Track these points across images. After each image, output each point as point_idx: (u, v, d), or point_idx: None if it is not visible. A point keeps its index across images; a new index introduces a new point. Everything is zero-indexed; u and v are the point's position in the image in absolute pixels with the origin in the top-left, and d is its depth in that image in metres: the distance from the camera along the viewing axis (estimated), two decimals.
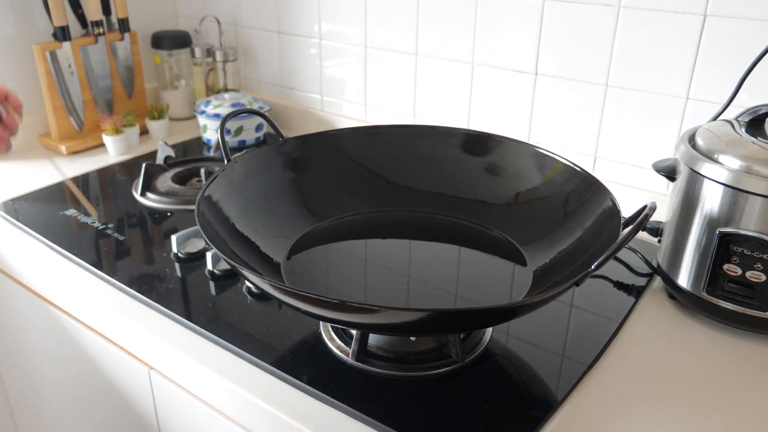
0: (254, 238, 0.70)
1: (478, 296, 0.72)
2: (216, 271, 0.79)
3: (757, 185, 0.63)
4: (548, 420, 0.58)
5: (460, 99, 1.06)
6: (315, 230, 0.78)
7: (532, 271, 0.71)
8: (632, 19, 0.86)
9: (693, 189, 0.69)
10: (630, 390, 0.62)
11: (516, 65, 0.98)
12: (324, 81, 1.22)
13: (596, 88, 0.92)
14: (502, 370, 0.65)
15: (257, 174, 0.76)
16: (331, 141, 0.83)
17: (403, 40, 1.08)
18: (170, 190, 1.00)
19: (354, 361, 0.63)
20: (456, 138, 0.84)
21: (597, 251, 0.60)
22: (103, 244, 0.87)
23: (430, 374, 0.62)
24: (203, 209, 0.64)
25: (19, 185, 1.03)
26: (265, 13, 1.25)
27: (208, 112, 1.19)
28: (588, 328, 0.72)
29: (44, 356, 0.95)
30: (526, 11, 0.94)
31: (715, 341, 0.70)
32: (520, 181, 0.79)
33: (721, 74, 0.81)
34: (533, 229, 0.75)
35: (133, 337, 0.74)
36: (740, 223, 0.65)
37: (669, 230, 0.74)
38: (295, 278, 0.69)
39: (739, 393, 0.63)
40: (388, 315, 0.55)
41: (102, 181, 1.08)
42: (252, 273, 0.56)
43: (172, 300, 0.74)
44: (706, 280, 0.69)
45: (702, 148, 0.69)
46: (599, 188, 0.69)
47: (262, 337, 0.68)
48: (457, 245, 0.80)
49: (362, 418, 0.57)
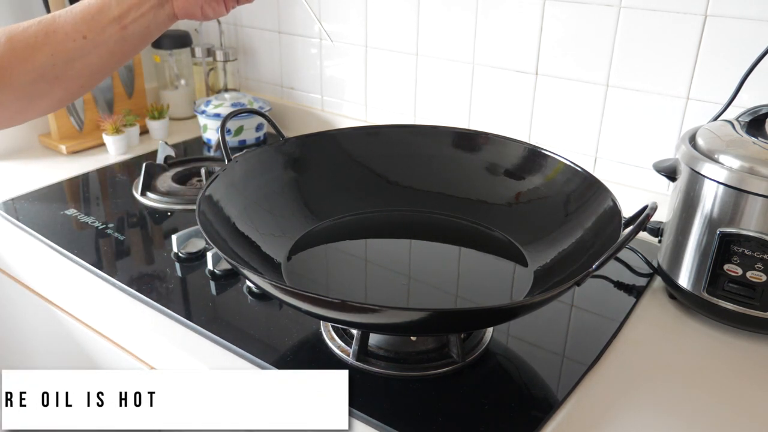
0: (255, 238, 0.70)
1: (478, 296, 0.72)
2: (216, 271, 0.79)
3: (757, 185, 0.63)
4: (549, 420, 0.58)
5: (460, 99, 1.06)
6: (315, 230, 0.78)
7: (533, 271, 0.71)
8: (633, 19, 0.86)
9: (694, 189, 0.69)
10: (630, 390, 0.62)
11: (516, 65, 0.98)
12: (324, 81, 1.22)
13: (597, 88, 0.92)
14: (502, 370, 0.65)
15: (258, 174, 0.76)
16: (331, 141, 0.83)
17: (404, 39, 1.08)
18: (170, 190, 1.00)
19: (354, 360, 0.63)
20: (456, 138, 0.84)
21: (598, 251, 0.60)
22: (104, 243, 0.87)
23: (431, 374, 0.62)
24: (204, 209, 0.64)
25: (19, 185, 1.03)
26: (266, 13, 1.25)
27: (208, 111, 1.19)
28: (588, 328, 0.72)
29: (44, 356, 0.95)
30: (527, 11, 0.94)
31: (716, 341, 0.70)
32: (520, 181, 0.79)
33: (722, 74, 0.81)
34: (534, 229, 0.75)
35: (133, 337, 0.74)
36: (741, 223, 0.65)
37: (669, 230, 0.74)
38: (295, 278, 0.69)
39: (740, 393, 0.63)
40: (388, 315, 0.55)
41: (102, 180, 1.08)
42: (253, 273, 0.56)
43: (173, 300, 0.74)
44: (706, 281, 0.69)
45: (703, 148, 0.69)
46: (600, 188, 0.69)
47: (262, 337, 0.68)
48: (457, 245, 0.80)
49: (363, 417, 0.57)
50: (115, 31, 0.62)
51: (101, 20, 0.61)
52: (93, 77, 0.65)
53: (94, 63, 0.63)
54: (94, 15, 0.61)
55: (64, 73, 0.62)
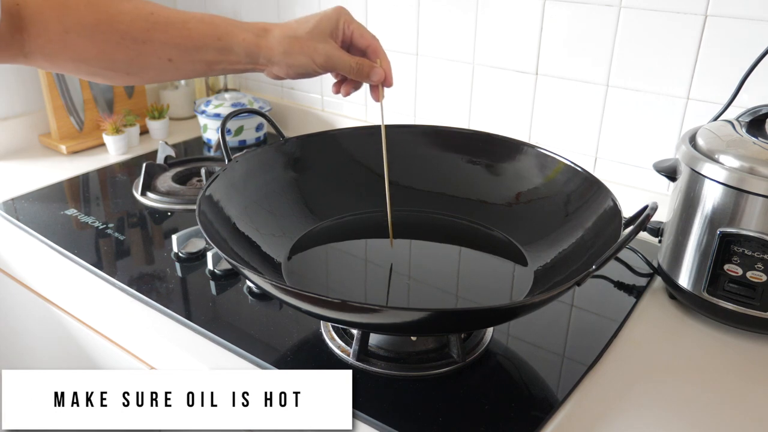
0: (255, 238, 0.70)
1: (478, 296, 0.72)
2: (217, 271, 0.79)
3: (758, 185, 0.63)
4: (549, 420, 0.58)
5: (460, 99, 1.06)
6: (316, 230, 0.78)
7: (533, 271, 0.71)
8: (633, 19, 0.86)
9: (694, 189, 0.69)
10: (631, 390, 0.62)
11: (517, 65, 0.98)
12: (324, 81, 1.22)
13: (597, 88, 0.92)
14: (502, 370, 0.65)
15: (258, 174, 0.76)
16: (331, 141, 0.83)
17: (404, 39, 1.08)
18: (171, 190, 1.00)
19: (355, 360, 0.63)
20: (456, 138, 0.84)
21: (598, 251, 0.60)
22: (104, 243, 0.87)
23: (431, 374, 0.62)
24: (204, 209, 0.64)
25: (19, 185, 1.03)
26: (266, 13, 1.25)
27: (208, 111, 1.19)
28: (588, 328, 0.72)
29: (45, 356, 0.95)
30: (527, 11, 0.94)
31: (716, 341, 0.70)
32: (521, 181, 0.79)
33: (722, 74, 0.81)
34: (534, 229, 0.75)
35: (133, 337, 0.74)
36: (741, 223, 0.65)
37: (670, 230, 0.74)
38: (295, 278, 0.69)
39: (740, 393, 0.63)
40: (389, 315, 0.55)
41: (102, 180, 1.08)
42: (253, 273, 0.56)
43: (173, 300, 0.74)
44: (706, 281, 0.69)
45: (703, 148, 0.69)
46: (600, 188, 0.69)
47: (262, 337, 0.68)
48: (457, 245, 0.80)
49: (363, 417, 0.57)
50: (201, 68, 0.62)
51: (194, 56, 0.60)
52: (157, 81, 0.65)
53: (167, 77, 0.63)
54: (189, 49, 0.60)
55: (135, 73, 0.61)
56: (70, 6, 0.56)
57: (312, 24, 0.62)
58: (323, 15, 0.63)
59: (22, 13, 0.55)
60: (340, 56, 0.63)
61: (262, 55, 0.62)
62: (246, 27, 0.62)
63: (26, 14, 0.55)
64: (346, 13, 0.64)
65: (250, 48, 0.61)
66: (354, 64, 0.64)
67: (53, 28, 0.56)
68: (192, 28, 0.60)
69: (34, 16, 0.55)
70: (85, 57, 0.58)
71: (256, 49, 0.61)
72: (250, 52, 0.61)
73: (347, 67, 0.64)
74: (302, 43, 0.61)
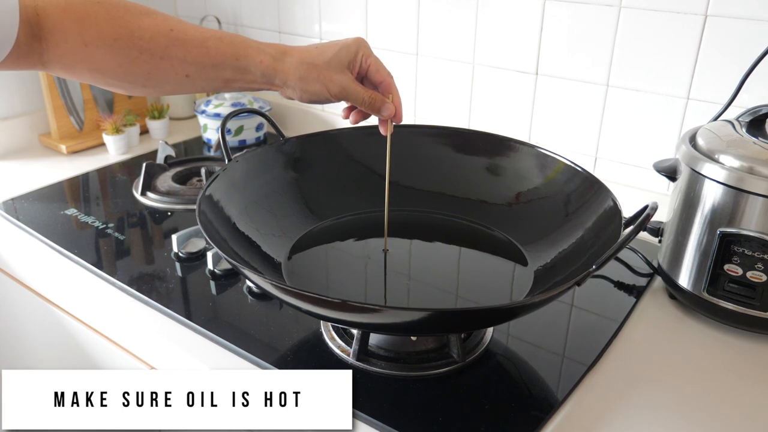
0: (255, 238, 0.70)
1: (478, 296, 0.72)
2: (217, 271, 0.79)
3: (758, 185, 0.63)
4: (549, 420, 0.58)
5: (460, 99, 1.06)
6: (316, 230, 0.78)
7: (533, 270, 0.71)
8: (633, 19, 0.86)
9: (694, 189, 0.69)
10: (631, 390, 0.62)
11: (517, 65, 0.98)
12: None
13: (597, 88, 0.92)
14: (502, 370, 0.65)
15: (258, 173, 0.76)
16: (331, 141, 0.83)
17: (404, 39, 1.08)
18: (171, 190, 1.00)
19: (355, 360, 0.63)
20: (457, 138, 0.84)
21: (598, 251, 0.60)
22: (104, 243, 0.87)
23: (431, 374, 0.62)
24: (204, 208, 0.64)
25: (19, 185, 1.03)
26: (266, 13, 1.25)
27: (208, 111, 1.19)
28: (589, 328, 0.72)
29: (45, 356, 0.95)
30: (527, 11, 0.94)
31: (716, 341, 0.70)
32: (521, 181, 0.79)
33: (722, 74, 0.81)
34: (534, 229, 0.75)
35: (133, 337, 0.74)
36: (741, 223, 0.65)
37: (670, 230, 0.74)
38: (295, 278, 0.69)
39: (740, 393, 0.63)
40: (389, 315, 0.55)
41: (102, 180, 1.08)
42: (253, 272, 0.56)
43: (173, 299, 0.74)
44: (706, 281, 0.69)
45: (703, 148, 0.69)
46: (600, 188, 0.69)
47: (262, 336, 0.68)
48: (457, 245, 0.80)
49: (363, 417, 0.57)
50: (217, 85, 0.62)
51: (211, 74, 0.61)
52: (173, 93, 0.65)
53: (184, 91, 0.63)
54: (207, 66, 0.60)
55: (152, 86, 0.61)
56: (90, 19, 0.56)
57: (331, 54, 0.63)
58: (343, 45, 0.64)
59: (42, 23, 0.55)
60: (355, 88, 0.64)
61: (278, 77, 0.62)
62: (264, 49, 0.62)
63: (46, 25, 0.55)
64: (365, 47, 0.65)
65: (266, 70, 0.61)
66: (367, 97, 0.65)
67: (73, 40, 0.56)
68: (210, 46, 0.60)
69: (54, 27, 0.55)
70: (103, 69, 0.58)
71: (273, 72, 0.62)
72: (266, 73, 0.62)
73: (360, 99, 0.65)
74: (319, 72, 0.62)
